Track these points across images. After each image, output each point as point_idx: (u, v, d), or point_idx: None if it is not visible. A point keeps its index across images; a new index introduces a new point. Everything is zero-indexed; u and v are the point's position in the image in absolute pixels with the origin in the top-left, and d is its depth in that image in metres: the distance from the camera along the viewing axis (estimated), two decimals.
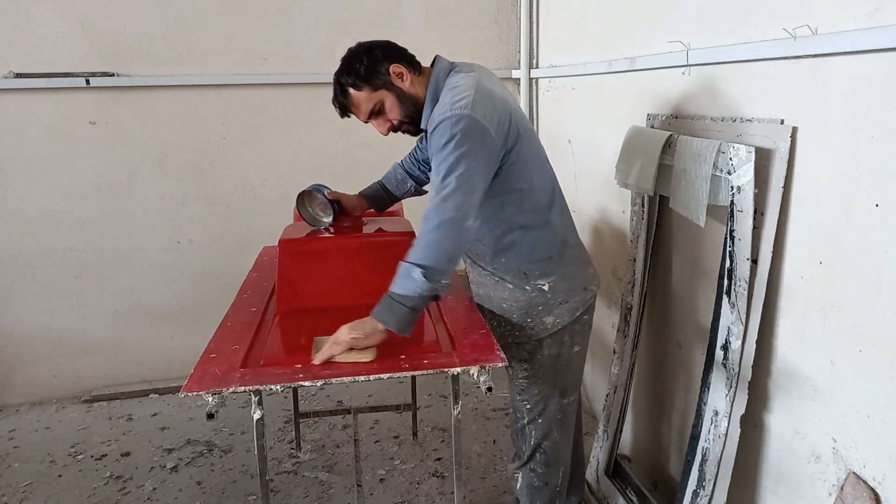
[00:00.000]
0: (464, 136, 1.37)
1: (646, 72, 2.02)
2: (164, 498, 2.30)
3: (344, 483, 2.35)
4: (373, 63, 1.51)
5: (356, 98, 1.54)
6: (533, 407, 1.72)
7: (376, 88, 1.53)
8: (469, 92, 1.43)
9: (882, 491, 1.25)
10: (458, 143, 1.37)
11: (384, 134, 1.62)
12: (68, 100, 2.80)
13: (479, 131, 1.39)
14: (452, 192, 1.37)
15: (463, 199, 1.37)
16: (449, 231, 1.38)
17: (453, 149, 1.37)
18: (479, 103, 1.41)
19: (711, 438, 1.61)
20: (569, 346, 1.69)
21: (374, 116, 1.57)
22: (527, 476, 1.79)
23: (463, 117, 1.38)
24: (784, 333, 1.49)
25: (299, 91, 3.01)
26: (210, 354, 1.45)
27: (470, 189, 1.38)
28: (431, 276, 1.37)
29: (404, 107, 1.56)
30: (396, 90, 1.54)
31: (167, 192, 2.99)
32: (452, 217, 1.37)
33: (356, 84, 1.53)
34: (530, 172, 1.55)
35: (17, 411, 2.98)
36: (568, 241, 1.66)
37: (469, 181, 1.38)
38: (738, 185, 1.47)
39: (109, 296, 3.03)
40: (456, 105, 1.40)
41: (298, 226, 1.95)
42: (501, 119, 1.45)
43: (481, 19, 3.13)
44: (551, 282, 1.62)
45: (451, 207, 1.36)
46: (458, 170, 1.37)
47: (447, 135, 1.38)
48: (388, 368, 1.36)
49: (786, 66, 1.41)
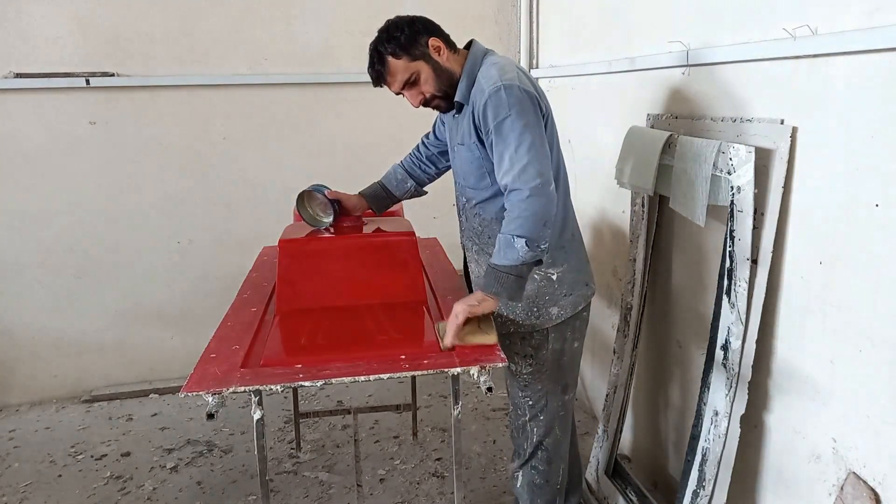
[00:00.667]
0: (521, 106, 1.44)
1: (646, 72, 2.02)
2: (164, 498, 2.30)
3: (344, 483, 2.35)
4: (413, 34, 1.55)
5: (394, 66, 1.56)
6: (535, 403, 1.72)
7: (414, 59, 1.56)
8: (511, 67, 1.51)
9: (882, 491, 1.25)
10: (519, 113, 1.43)
11: (415, 106, 1.64)
12: (68, 100, 2.80)
13: (531, 101, 1.46)
14: (531, 160, 1.42)
15: (541, 165, 1.43)
16: (539, 197, 1.42)
17: (516, 118, 1.43)
18: (523, 79, 1.50)
19: (711, 438, 1.61)
20: (570, 342, 1.71)
21: (409, 87, 1.59)
22: (528, 474, 1.79)
23: (517, 87, 1.45)
24: (784, 333, 1.49)
25: (299, 91, 3.01)
26: (210, 354, 1.45)
27: (544, 154, 1.45)
28: (532, 244, 1.42)
29: (439, 80, 1.58)
30: (434, 63, 1.57)
31: (167, 192, 2.99)
32: (538, 183, 1.41)
33: (395, 52, 1.54)
34: (557, 156, 1.60)
35: (17, 411, 2.98)
36: (576, 236, 1.70)
37: (541, 147, 1.45)
38: (738, 185, 1.47)
39: (109, 296, 3.03)
40: (506, 77, 1.47)
41: (298, 226, 1.95)
42: (537, 96, 1.52)
43: (481, 19, 3.12)
44: (560, 271, 1.64)
45: (535, 174, 1.42)
46: (528, 139, 1.43)
47: (505, 105, 1.44)
48: (388, 368, 1.36)
49: (786, 66, 1.41)
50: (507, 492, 2.29)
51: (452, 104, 1.62)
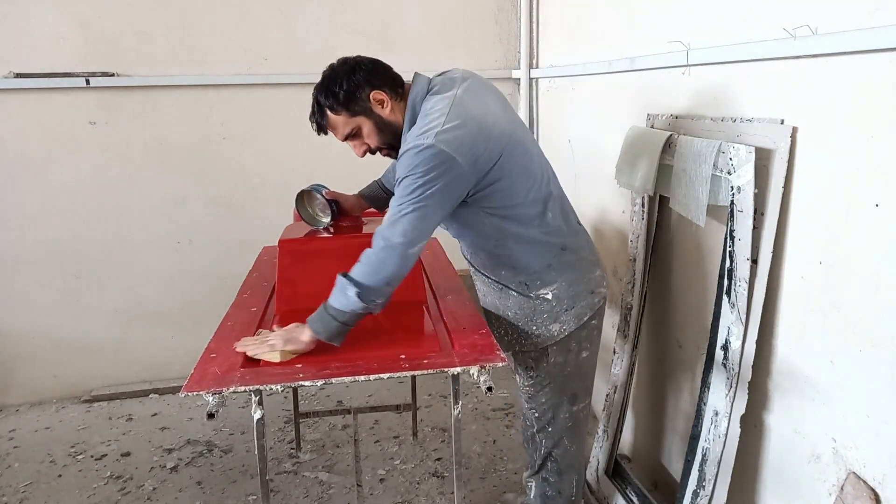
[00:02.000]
0: (424, 166, 1.35)
1: (646, 72, 2.02)
2: (164, 498, 2.30)
3: (344, 483, 2.35)
4: (353, 88, 1.48)
5: (333, 121, 1.53)
6: (541, 415, 1.69)
7: (354, 115, 1.51)
8: (439, 120, 1.38)
9: (882, 491, 1.25)
10: (419, 174, 1.35)
11: (360, 156, 1.60)
12: (68, 100, 2.80)
13: (443, 161, 1.35)
14: (402, 218, 1.36)
15: (411, 227, 1.36)
16: (391, 256, 1.38)
17: (413, 179, 1.35)
18: (447, 131, 1.36)
19: (711, 438, 1.61)
20: (576, 353, 1.65)
21: (351, 139, 1.56)
22: (540, 485, 1.77)
23: (426, 147, 1.35)
24: (784, 333, 1.49)
25: (299, 91, 3.00)
26: (210, 354, 1.45)
27: (421, 219, 1.37)
28: (366, 296, 1.39)
29: (382, 134, 1.54)
30: (375, 117, 1.51)
31: (167, 192, 2.99)
32: (399, 243, 1.37)
33: (333, 108, 1.50)
34: (516, 188, 1.50)
35: (17, 411, 2.98)
36: (567, 247, 1.60)
37: (422, 213, 1.37)
38: (738, 185, 1.47)
39: (109, 296, 3.04)
40: (421, 135, 1.37)
41: (298, 226, 1.95)
42: (475, 145, 1.40)
43: (481, 19, 3.13)
44: (554, 290, 1.59)
45: (399, 233, 1.37)
46: (414, 198, 1.35)
47: (409, 166, 1.36)
48: (387, 368, 1.36)
49: (786, 66, 1.41)
50: (507, 491, 2.29)
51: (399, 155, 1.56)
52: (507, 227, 1.54)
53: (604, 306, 1.70)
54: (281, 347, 1.42)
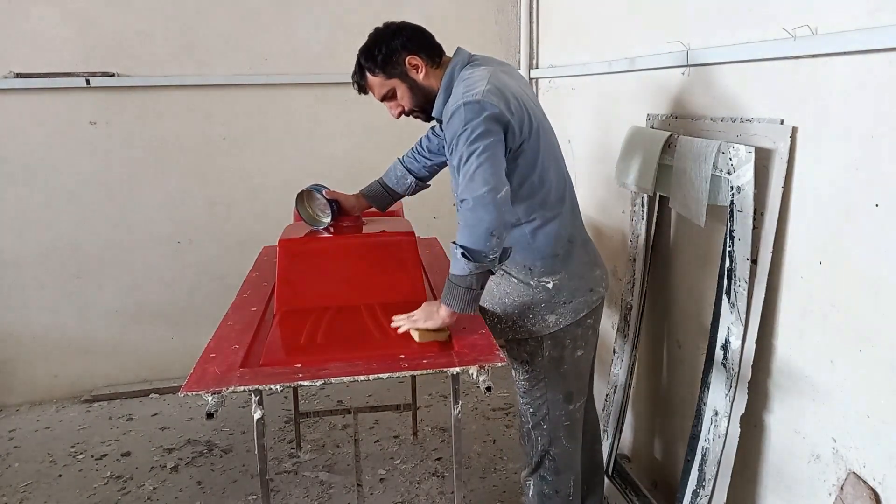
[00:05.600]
0: (477, 119, 1.40)
1: (646, 72, 2.02)
2: (164, 498, 2.30)
3: (344, 483, 2.35)
4: (391, 52, 1.56)
5: (371, 81, 1.62)
6: (536, 411, 1.70)
7: (390, 77, 1.59)
8: (482, 83, 1.46)
9: (882, 491, 1.25)
10: (473, 126, 1.40)
11: (395, 117, 1.68)
12: (68, 100, 2.80)
13: (492, 114, 1.42)
14: (477, 168, 1.38)
15: (489, 173, 1.38)
16: (483, 207, 1.38)
17: (469, 132, 1.40)
18: (491, 92, 1.44)
19: (711, 438, 1.61)
20: (571, 350, 1.66)
21: (387, 100, 1.64)
22: (537, 484, 1.77)
23: (475, 103, 1.41)
24: (784, 333, 1.49)
25: (299, 91, 3.01)
26: (210, 354, 1.45)
27: (494, 162, 1.40)
28: (474, 255, 1.40)
29: (415, 97, 1.61)
30: (410, 81, 1.59)
31: (167, 192, 2.99)
32: (483, 192, 1.37)
33: (372, 70, 1.59)
34: (543, 165, 1.56)
35: (17, 411, 2.98)
36: (575, 241, 1.64)
37: (491, 156, 1.40)
38: (738, 185, 1.47)
39: (109, 296, 3.04)
40: (468, 93, 1.44)
41: (298, 226, 1.95)
42: (516, 107, 1.47)
43: (481, 19, 3.13)
44: (556, 280, 1.61)
45: (480, 182, 1.38)
46: (478, 148, 1.39)
47: (461, 121, 1.41)
48: (387, 368, 1.36)
49: (786, 66, 1.41)
50: (507, 491, 2.29)
51: (430, 118, 1.64)
52: (531, 205, 1.58)
53: (601, 307, 1.71)
54: (422, 325, 1.46)
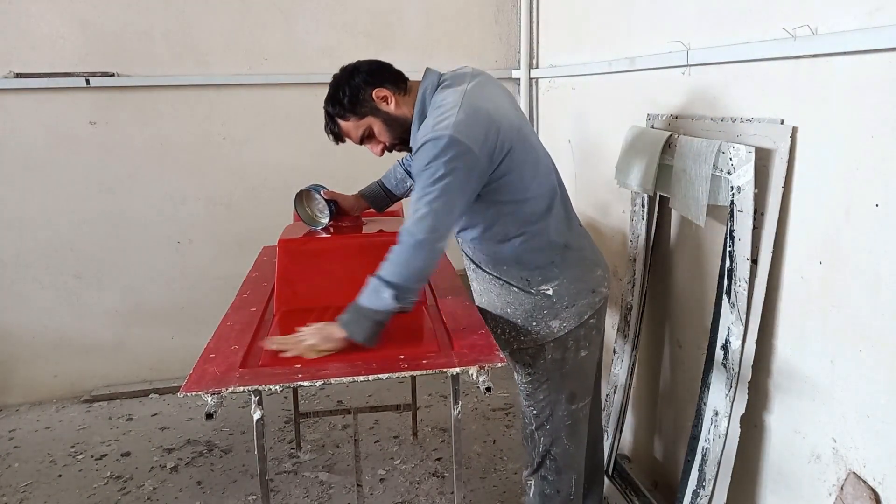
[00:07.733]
0: (441, 159, 1.37)
1: (646, 72, 2.02)
2: (164, 498, 2.30)
3: (344, 483, 2.35)
4: (355, 91, 1.53)
5: (345, 127, 1.58)
6: (539, 413, 1.70)
7: (362, 116, 1.55)
8: (453, 111, 1.41)
9: (882, 491, 1.25)
10: (436, 167, 1.37)
11: (379, 155, 1.65)
12: (68, 100, 2.80)
13: (461, 151, 1.37)
14: (427, 213, 1.37)
15: (437, 221, 1.38)
16: (421, 252, 1.39)
17: (432, 171, 1.37)
18: (462, 122, 1.39)
19: (711, 438, 1.61)
20: (574, 351, 1.65)
21: (367, 141, 1.60)
22: (539, 484, 1.77)
23: (443, 138, 1.37)
24: (784, 333, 1.49)
25: (299, 91, 3.01)
26: (209, 354, 1.45)
27: (446, 211, 1.39)
28: (400, 295, 1.39)
29: (392, 130, 1.57)
30: (382, 114, 1.55)
31: (167, 192, 2.99)
32: (425, 238, 1.38)
33: (342, 114, 1.56)
34: (525, 182, 1.53)
35: (17, 411, 2.98)
36: (570, 245, 1.62)
37: (446, 203, 1.38)
38: (738, 185, 1.47)
39: (109, 296, 3.04)
40: (437, 126, 1.39)
41: (298, 226, 1.95)
42: (488, 135, 1.42)
43: (481, 19, 3.13)
44: (556, 286, 1.60)
45: (425, 228, 1.38)
46: (435, 191, 1.37)
47: (428, 157, 1.38)
48: (387, 368, 1.36)
49: (786, 66, 1.41)
50: (507, 492, 2.29)
51: None
52: (515, 221, 1.56)
53: (604, 306, 1.70)
54: (321, 347, 1.42)
